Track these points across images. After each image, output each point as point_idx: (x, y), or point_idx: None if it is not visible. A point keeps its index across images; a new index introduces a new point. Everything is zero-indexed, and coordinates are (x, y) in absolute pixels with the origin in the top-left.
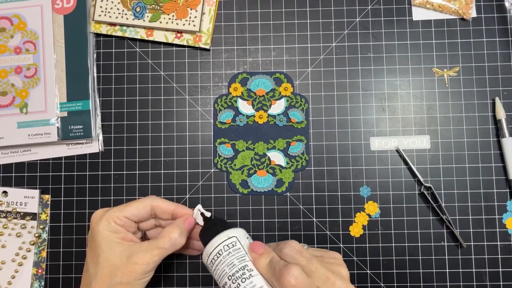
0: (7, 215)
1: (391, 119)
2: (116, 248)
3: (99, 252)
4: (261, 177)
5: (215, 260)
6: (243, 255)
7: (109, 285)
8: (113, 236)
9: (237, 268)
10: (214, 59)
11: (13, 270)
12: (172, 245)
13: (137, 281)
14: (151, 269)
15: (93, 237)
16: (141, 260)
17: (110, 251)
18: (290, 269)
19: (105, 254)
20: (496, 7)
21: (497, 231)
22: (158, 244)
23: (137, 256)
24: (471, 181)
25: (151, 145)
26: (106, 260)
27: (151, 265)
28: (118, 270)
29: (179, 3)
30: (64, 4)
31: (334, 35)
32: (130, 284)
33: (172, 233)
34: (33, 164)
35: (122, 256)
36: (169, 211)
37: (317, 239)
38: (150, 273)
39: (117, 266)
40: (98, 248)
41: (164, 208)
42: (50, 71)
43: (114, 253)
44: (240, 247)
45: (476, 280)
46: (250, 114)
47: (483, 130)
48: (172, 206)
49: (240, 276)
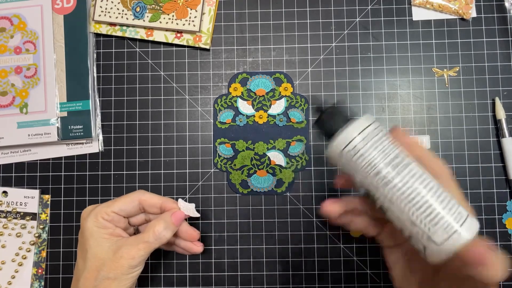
0: (7, 215)
1: (391, 119)
2: (104, 244)
3: (87, 248)
4: (261, 177)
5: (361, 147)
6: (390, 141)
7: (96, 279)
8: (101, 231)
9: (393, 155)
10: (214, 59)
11: (13, 270)
12: (157, 239)
13: (124, 276)
14: (138, 264)
15: (82, 233)
16: (127, 254)
17: (98, 246)
18: (437, 159)
19: (93, 249)
20: (496, 7)
21: (497, 231)
22: (143, 238)
23: (123, 250)
24: (471, 181)
25: (151, 145)
26: (94, 256)
27: (137, 259)
28: (105, 265)
29: (179, 3)
30: (64, 4)
31: (334, 35)
32: (117, 279)
33: (156, 226)
34: (33, 164)
35: (109, 251)
36: (157, 205)
37: (317, 239)
38: (137, 268)
39: (104, 260)
40: (86, 244)
41: (152, 202)
42: (50, 71)
43: (101, 248)
44: (385, 133)
45: None
46: (250, 114)
47: (483, 130)
48: (160, 200)
49: (399, 163)
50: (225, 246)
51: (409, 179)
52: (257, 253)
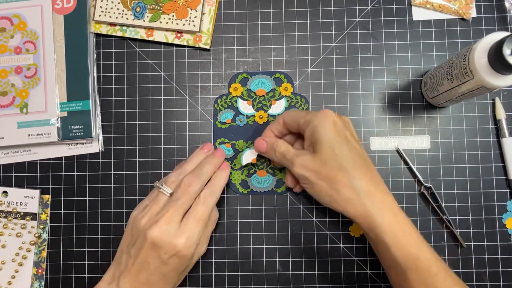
0: (7, 215)
1: (391, 119)
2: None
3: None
4: (261, 177)
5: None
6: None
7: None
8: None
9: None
10: (214, 59)
11: (13, 270)
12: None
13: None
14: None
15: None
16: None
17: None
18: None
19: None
20: (496, 7)
21: (497, 231)
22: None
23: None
24: (471, 181)
25: (151, 145)
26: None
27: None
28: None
29: (179, 3)
30: (64, 4)
31: (334, 35)
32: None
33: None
34: (33, 164)
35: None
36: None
37: (317, 239)
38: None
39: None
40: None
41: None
42: (50, 71)
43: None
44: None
45: (476, 280)
46: (250, 114)
47: (483, 130)
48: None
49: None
50: (225, 246)
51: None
52: (257, 253)
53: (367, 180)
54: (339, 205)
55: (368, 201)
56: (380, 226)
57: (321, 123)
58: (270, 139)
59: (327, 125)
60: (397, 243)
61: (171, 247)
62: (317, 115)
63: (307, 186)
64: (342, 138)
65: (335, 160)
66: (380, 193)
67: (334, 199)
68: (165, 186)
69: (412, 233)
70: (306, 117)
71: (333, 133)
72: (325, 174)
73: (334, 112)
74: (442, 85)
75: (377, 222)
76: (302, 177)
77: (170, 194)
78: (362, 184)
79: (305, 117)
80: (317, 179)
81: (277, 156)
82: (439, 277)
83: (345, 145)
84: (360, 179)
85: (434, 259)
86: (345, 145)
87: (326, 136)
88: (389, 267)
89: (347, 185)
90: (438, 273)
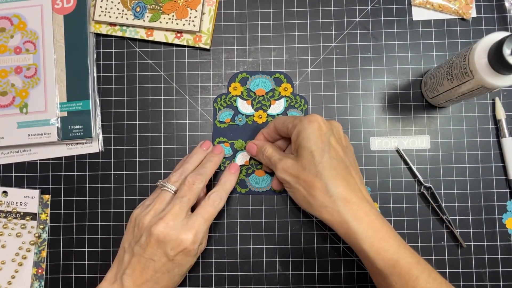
0: (7, 215)
1: (391, 119)
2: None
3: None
4: (259, 177)
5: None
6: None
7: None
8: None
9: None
10: (214, 59)
11: (13, 270)
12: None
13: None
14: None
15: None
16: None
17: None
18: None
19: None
20: (496, 7)
21: (497, 231)
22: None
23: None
24: (471, 181)
25: (151, 145)
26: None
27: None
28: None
29: (179, 3)
30: (64, 4)
31: (334, 35)
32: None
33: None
34: (33, 164)
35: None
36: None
37: (317, 239)
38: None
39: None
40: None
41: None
42: (50, 71)
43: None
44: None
45: (476, 280)
46: (250, 114)
47: (483, 130)
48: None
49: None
50: (225, 246)
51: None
52: (257, 253)
53: (344, 187)
54: (316, 211)
55: (344, 209)
56: (357, 234)
57: (305, 128)
58: (260, 143)
59: (310, 130)
60: (375, 250)
61: (178, 243)
62: (303, 120)
63: (288, 190)
64: (325, 144)
65: (313, 165)
66: (358, 200)
67: (310, 205)
68: (169, 184)
69: (389, 239)
70: (294, 121)
71: (316, 138)
72: (303, 179)
73: (322, 117)
74: (442, 85)
75: (353, 230)
76: (284, 181)
77: (174, 191)
78: (338, 191)
79: (293, 122)
80: (296, 183)
81: (264, 159)
82: (421, 280)
83: (326, 151)
84: (337, 187)
85: (415, 262)
86: (326, 151)
87: (308, 141)
88: (372, 274)
89: (323, 191)
90: (419, 276)
